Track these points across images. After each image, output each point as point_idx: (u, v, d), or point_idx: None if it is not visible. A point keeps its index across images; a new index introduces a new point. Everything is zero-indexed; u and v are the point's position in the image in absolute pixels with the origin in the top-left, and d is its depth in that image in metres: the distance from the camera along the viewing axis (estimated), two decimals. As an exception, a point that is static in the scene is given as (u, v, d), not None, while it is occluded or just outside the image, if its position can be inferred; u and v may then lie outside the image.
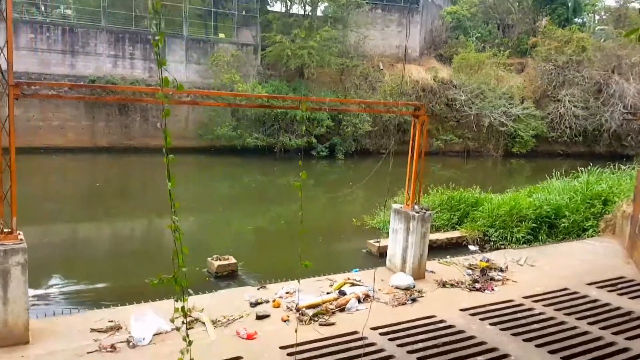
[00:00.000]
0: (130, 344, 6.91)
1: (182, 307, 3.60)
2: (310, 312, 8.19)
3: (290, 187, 25.40)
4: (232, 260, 12.14)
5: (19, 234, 6.81)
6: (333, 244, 15.77)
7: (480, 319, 8.60)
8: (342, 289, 9.15)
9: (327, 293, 9.03)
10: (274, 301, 8.52)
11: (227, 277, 11.85)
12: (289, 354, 7.01)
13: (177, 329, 3.81)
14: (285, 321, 7.94)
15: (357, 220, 16.90)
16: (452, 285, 9.98)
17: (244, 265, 12.58)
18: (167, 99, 3.31)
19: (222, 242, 15.83)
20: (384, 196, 17.68)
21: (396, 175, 11.17)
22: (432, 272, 10.58)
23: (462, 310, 8.92)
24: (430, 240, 14.93)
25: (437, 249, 14.72)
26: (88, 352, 6.66)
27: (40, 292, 10.73)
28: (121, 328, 7.32)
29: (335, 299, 8.66)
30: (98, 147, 27.55)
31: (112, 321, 7.47)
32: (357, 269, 10.59)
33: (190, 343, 3.78)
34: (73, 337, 7.02)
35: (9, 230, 6.64)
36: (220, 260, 12.10)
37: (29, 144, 25.47)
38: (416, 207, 10.18)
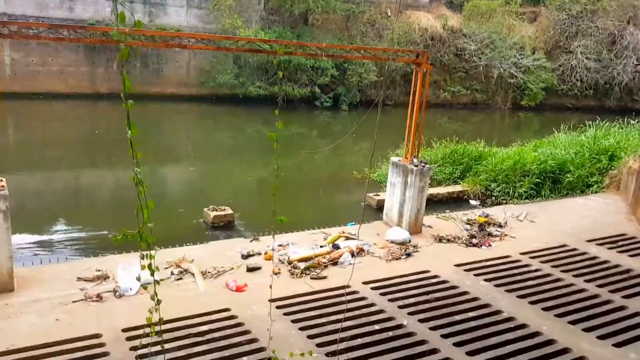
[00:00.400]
0: (117, 293, 6.83)
1: (149, 265, 3.42)
2: (302, 265, 8.07)
3: (293, 138, 25.16)
4: (229, 211, 12.01)
5: (1, 180, 6.61)
6: (333, 196, 15.60)
7: (474, 275, 8.48)
8: (336, 242, 9.02)
9: (321, 246, 8.89)
10: (265, 253, 8.39)
11: (224, 228, 11.75)
12: (277, 307, 6.91)
13: (144, 287, 3.64)
14: (276, 274, 7.82)
15: (358, 172, 16.66)
16: (448, 240, 9.82)
17: (241, 216, 12.46)
18: (124, 37, 3.01)
19: (221, 192, 15.69)
20: (388, 148, 17.39)
21: (401, 127, 10.83)
22: (429, 226, 10.41)
23: (457, 265, 8.79)
24: (430, 194, 14.80)
25: (437, 203, 14.56)
26: (74, 301, 6.58)
27: (43, 238, 10.69)
28: (108, 277, 7.24)
29: (328, 253, 8.53)
30: (98, 93, 27.11)
31: (99, 270, 7.37)
32: (353, 223, 10.42)
33: (159, 302, 3.63)
34: (59, 286, 6.94)
35: (-10, 178, 6.44)
36: (216, 210, 11.97)
37: (28, 89, 25.16)
38: (415, 160, 9.90)
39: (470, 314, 7.26)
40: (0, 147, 18.82)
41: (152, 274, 3.42)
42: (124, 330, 6.09)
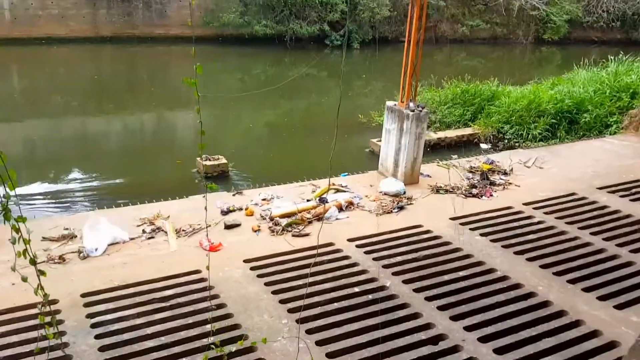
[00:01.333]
0: (82, 254, 6.46)
1: (25, 250, 2.92)
2: (285, 221, 7.59)
3: (302, 80, 24.27)
4: (223, 160, 11.56)
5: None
6: (337, 142, 14.95)
7: (470, 229, 7.91)
8: (324, 196, 8.47)
9: (308, 200, 8.37)
10: (246, 209, 7.91)
11: (217, 179, 11.31)
12: (252, 268, 6.50)
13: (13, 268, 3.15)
14: (255, 231, 7.38)
15: (364, 116, 15.93)
16: (447, 191, 9.19)
17: (236, 165, 11.99)
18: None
19: (219, 140, 15.19)
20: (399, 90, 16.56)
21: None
22: (427, 176, 9.77)
23: (452, 219, 8.22)
24: (438, 139, 14.12)
25: (445, 148, 13.93)
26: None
27: (48, 188, 10.55)
28: (76, 237, 6.87)
29: (314, 207, 8.01)
30: (102, 36, 26.30)
31: (67, 229, 7.01)
32: (346, 173, 9.84)
33: (46, 298, 3.12)
34: (22, 246, 6.56)
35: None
36: (209, 160, 11.52)
37: (28, 34, 24.52)
38: (411, 104, 9.15)
39: (461, 273, 6.75)
40: (5, 94, 18.53)
41: (34, 263, 2.94)
42: (82, 296, 5.75)
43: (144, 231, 7.13)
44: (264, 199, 8.27)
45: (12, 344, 5.01)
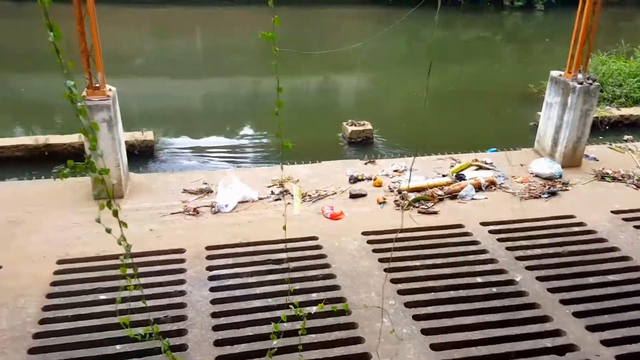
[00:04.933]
0: (213, 209, 6.78)
1: (115, 212, 2.97)
2: (413, 196, 7.16)
3: (473, 43, 22.79)
4: (368, 126, 11.37)
5: (110, 90, 6.77)
6: (499, 113, 13.79)
7: (635, 227, 6.71)
8: (461, 172, 7.81)
9: (443, 176, 7.79)
10: (374, 179, 7.61)
11: (360, 144, 11.20)
12: (369, 242, 6.24)
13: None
14: (380, 203, 7.07)
15: (535, 86, 14.42)
16: (614, 178, 7.90)
17: (383, 132, 11.70)
18: None
19: (372, 104, 14.95)
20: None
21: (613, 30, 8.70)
22: (594, 159, 8.50)
23: (614, 212, 7.04)
24: (620, 116, 12.33)
25: (628, 127, 12.11)
26: (172, 213, 6.69)
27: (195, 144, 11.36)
28: (212, 192, 7.21)
29: (448, 184, 7.42)
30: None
31: (206, 183, 7.40)
32: (495, 149, 8.96)
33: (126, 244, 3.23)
34: (164, 196, 7.11)
35: (98, 85, 6.61)
36: (355, 125, 11.42)
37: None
38: (579, 75, 7.93)
39: (611, 277, 5.76)
40: (189, 52, 20.23)
41: (116, 215, 3.03)
42: (207, 248, 6.02)
43: (272, 192, 7.25)
44: (395, 170, 7.89)
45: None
